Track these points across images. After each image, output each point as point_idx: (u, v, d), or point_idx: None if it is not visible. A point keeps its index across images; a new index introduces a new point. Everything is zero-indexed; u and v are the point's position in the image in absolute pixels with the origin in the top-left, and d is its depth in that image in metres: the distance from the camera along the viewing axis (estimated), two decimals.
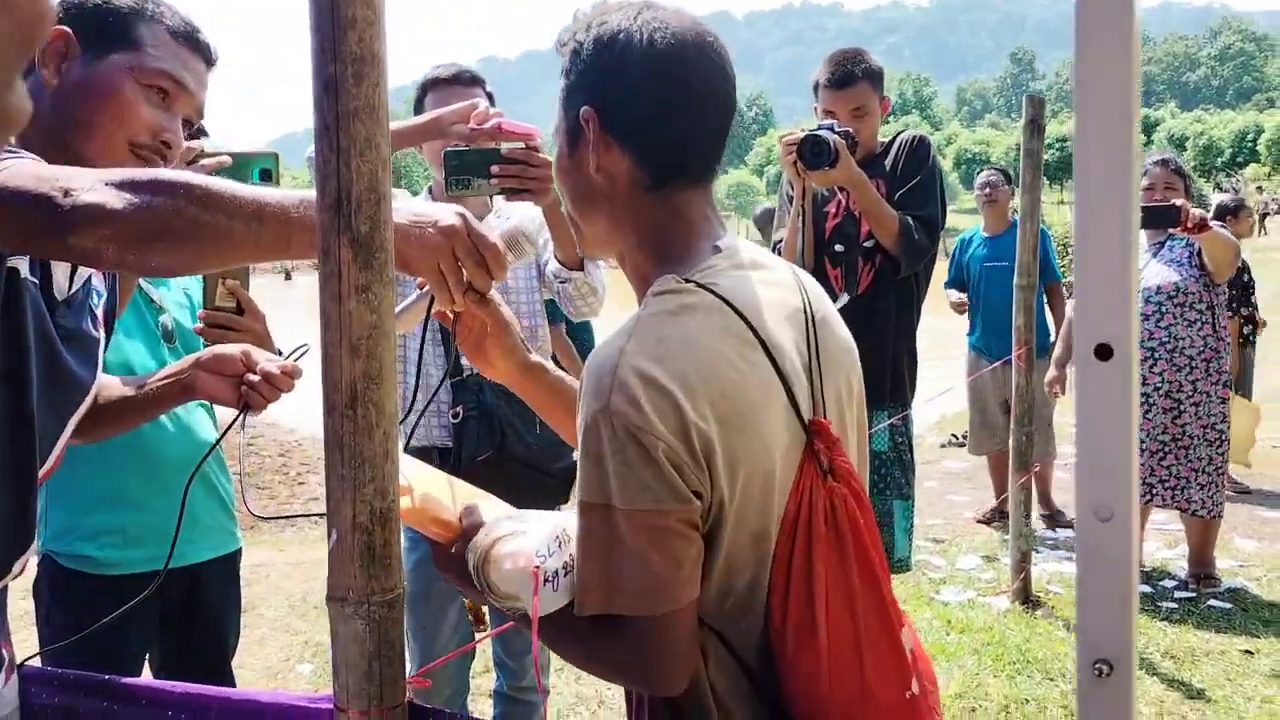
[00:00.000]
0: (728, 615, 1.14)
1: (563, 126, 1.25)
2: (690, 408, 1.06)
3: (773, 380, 1.14)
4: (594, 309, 2.59)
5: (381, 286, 1.04)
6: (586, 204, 1.25)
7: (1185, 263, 4.49)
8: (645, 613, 1.08)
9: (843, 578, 1.11)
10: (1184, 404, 4.49)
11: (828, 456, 1.15)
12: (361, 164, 1.02)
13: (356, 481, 1.05)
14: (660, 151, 1.20)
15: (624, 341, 1.11)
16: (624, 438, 1.06)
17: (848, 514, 1.13)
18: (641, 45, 1.17)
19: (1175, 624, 4.28)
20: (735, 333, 1.13)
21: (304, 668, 4.12)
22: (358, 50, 1.01)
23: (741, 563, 1.13)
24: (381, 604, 1.06)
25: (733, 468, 1.09)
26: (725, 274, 1.18)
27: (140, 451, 2.19)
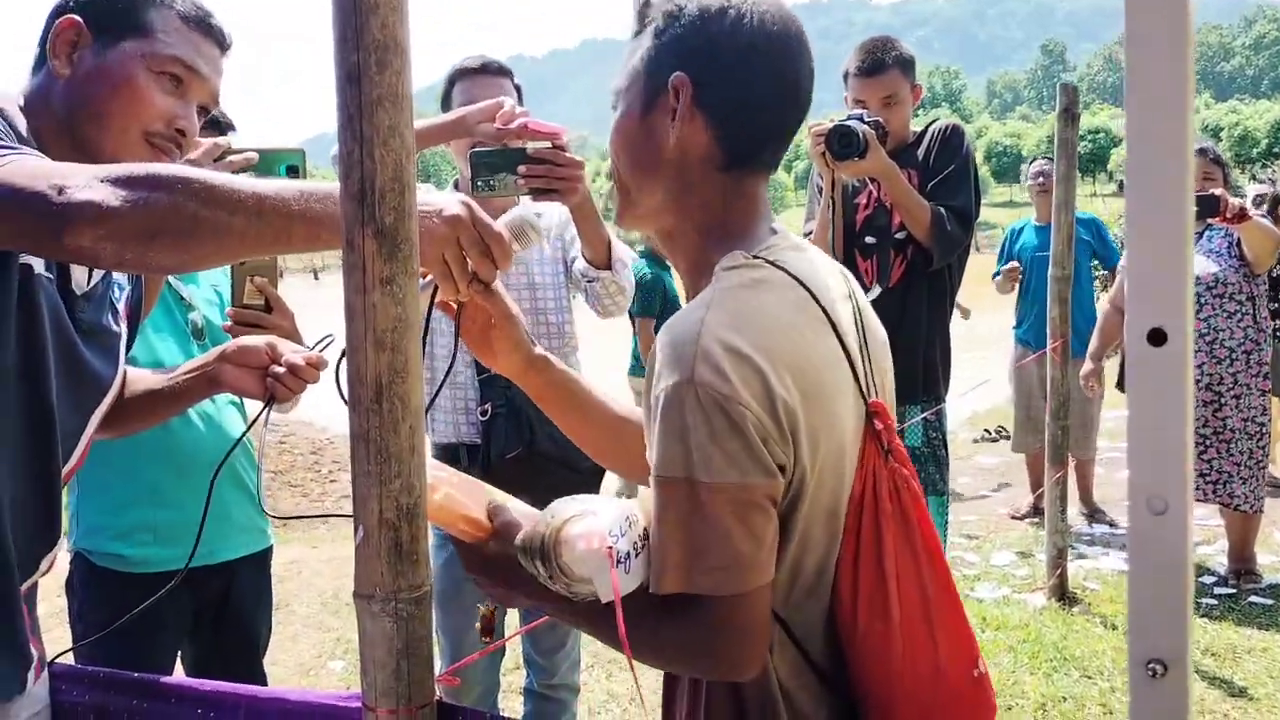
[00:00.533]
0: (794, 599, 1.12)
1: (640, 86, 1.20)
2: (775, 377, 1.05)
3: (840, 358, 1.14)
4: (621, 308, 2.57)
5: (406, 279, 1.02)
6: (647, 171, 1.21)
7: (1225, 253, 4.42)
8: (726, 591, 1.05)
9: (910, 555, 1.11)
10: (1224, 396, 4.42)
11: (887, 437, 1.14)
12: (385, 153, 1.00)
13: (383, 477, 1.04)
14: (744, 137, 1.18)
15: (703, 313, 1.08)
16: (710, 408, 1.03)
17: (910, 494, 1.13)
18: (750, 27, 1.15)
19: (1216, 620, 4.21)
20: (807, 309, 1.12)
21: (336, 664, 4.13)
22: (380, 37, 0.99)
23: (814, 540, 1.12)
24: (409, 601, 1.05)
25: (814, 441, 1.08)
26: (787, 253, 1.17)
27: (171, 449, 2.19)
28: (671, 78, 1.16)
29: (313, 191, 1.15)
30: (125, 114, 1.40)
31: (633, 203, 1.25)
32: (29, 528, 1.33)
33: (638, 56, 1.21)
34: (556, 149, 2.08)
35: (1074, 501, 5.43)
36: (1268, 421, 4.47)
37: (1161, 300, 0.64)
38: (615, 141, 1.25)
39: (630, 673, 2.96)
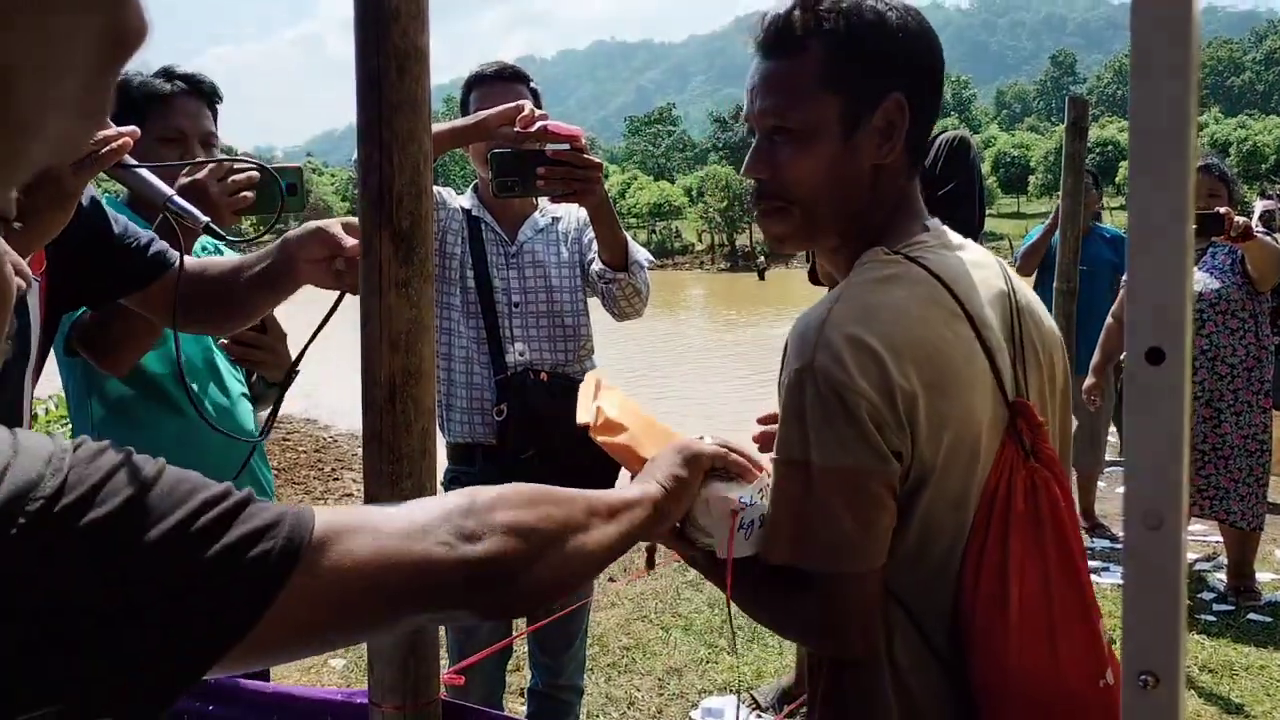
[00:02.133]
0: (919, 585, 1.14)
1: (832, 105, 1.15)
2: (894, 367, 1.07)
3: (977, 353, 1.14)
4: (638, 310, 2.58)
5: (422, 282, 1.04)
6: (842, 190, 1.19)
7: (1228, 270, 4.43)
8: (831, 569, 1.10)
9: (1039, 558, 1.11)
10: (1224, 413, 4.43)
11: (1030, 438, 1.14)
12: (404, 158, 1.02)
13: (394, 477, 1.06)
14: (923, 145, 1.22)
15: (830, 305, 1.13)
16: (827, 393, 1.07)
17: (1049, 497, 1.12)
18: (933, 38, 1.18)
19: (1214, 637, 4.22)
20: (941, 303, 1.14)
21: (336, 662, 4.14)
22: (401, 44, 1.01)
23: (939, 528, 1.13)
24: None
25: (937, 430, 1.10)
26: (933, 249, 1.18)
27: (189, 441, 2.22)
28: (888, 99, 1.14)
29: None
30: None
31: (815, 225, 1.22)
32: None
33: (813, 77, 1.15)
34: (575, 151, 2.10)
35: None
36: (1269, 439, 4.47)
37: (1160, 320, 0.66)
38: (807, 170, 1.17)
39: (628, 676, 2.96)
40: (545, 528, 0.89)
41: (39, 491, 0.62)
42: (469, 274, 2.61)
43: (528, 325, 2.62)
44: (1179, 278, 0.66)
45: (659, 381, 14.26)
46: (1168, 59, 0.64)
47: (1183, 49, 0.63)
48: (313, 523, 0.73)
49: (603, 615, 4.47)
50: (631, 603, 4.66)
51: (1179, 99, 0.65)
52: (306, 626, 0.72)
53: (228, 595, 0.68)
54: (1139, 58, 0.65)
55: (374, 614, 0.77)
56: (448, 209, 2.61)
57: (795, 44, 1.15)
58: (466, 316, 2.61)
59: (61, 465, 0.64)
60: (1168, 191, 0.66)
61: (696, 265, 67.47)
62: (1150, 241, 0.66)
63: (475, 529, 0.83)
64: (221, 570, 0.67)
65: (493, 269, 2.62)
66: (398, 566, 0.76)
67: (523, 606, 0.91)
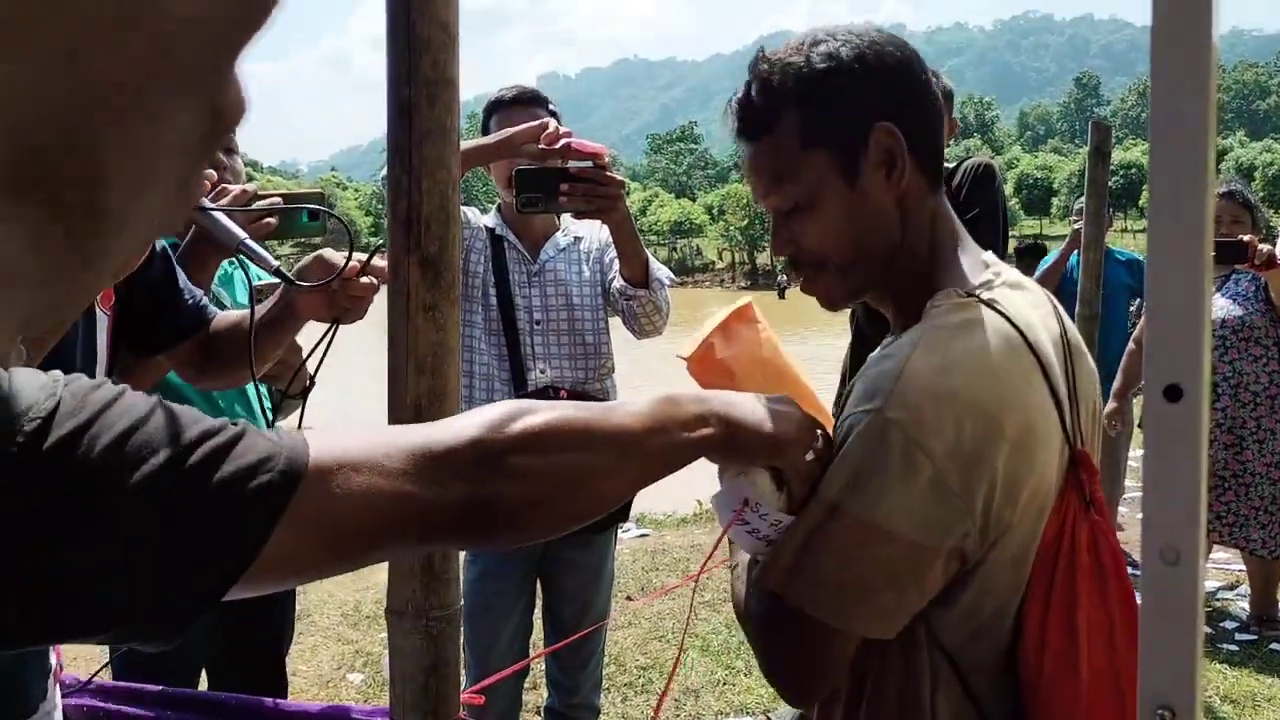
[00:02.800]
0: (968, 638, 1.09)
1: (822, 162, 1.13)
2: (973, 427, 1.02)
3: (1049, 404, 1.09)
4: (659, 328, 2.60)
5: (448, 305, 1.06)
6: (869, 235, 1.16)
7: (1251, 297, 4.41)
8: (812, 612, 1.05)
9: (1104, 613, 1.07)
10: (1247, 440, 4.40)
11: (1090, 487, 1.10)
12: (432, 185, 1.04)
13: None
14: (935, 162, 1.18)
15: (909, 351, 1.06)
16: (891, 444, 1.02)
17: (1110, 548, 1.09)
18: (901, 56, 1.14)
19: (1235, 667, 4.18)
20: (1020, 354, 1.09)
21: (355, 677, 4.15)
22: (432, 74, 1.03)
23: (996, 586, 1.08)
24: (439, 619, 1.08)
25: (1013, 491, 1.04)
26: (1003, 292, 1.14)
27: None
28: (874, 131, 1.11)
29: None
30: None
31: (855, 275, 1.19)
32: None
33: (792, 145, 1.13)
34: (599, 168, 2.13)
35: None
36: None
37: (1178, 357, 0.67)
38: (827, 231, 1.16)
39: (644, 696, 2.95)
40: (561, 475, 0.85)
41: (36, 412, 0.62)
42: (491, 292, 2.63)
43: (549, 343, 2.63)
44: (1197, 314, 0.67)
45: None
46: (1187, 104, 0.65)
47: (1201, 96, 0.64)
48: (308, 455, 0.73)
49: (620, 634, 4.47)
50: (649, 622, 4.66)
51: (1198, 141, 0.66)
52: (298, 557, 0.72)
53: (225, 527, 0.68)
54: (1160, 105, 0.66)
55: (365, 548, 0.77)
56: (472, 228, 2.64)
57: (765, 123, 1.14)
58: (489, 334, 2.63)
59: (56, 390, 0.64)
60: (1185, 229, 0.67)
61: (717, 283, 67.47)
62: (1168, 278, 0.67)
63: (482, 474, 0.80)
64: (219, 501, 0.67)
65: (515, 287, 2.64)
66: (392, 505, 0.76)
67: (516, 543, 0.89)
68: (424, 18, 1.00)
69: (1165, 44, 0.66)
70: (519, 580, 2.71)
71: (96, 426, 0.64)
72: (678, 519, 7.00)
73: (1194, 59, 0.64)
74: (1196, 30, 0.65)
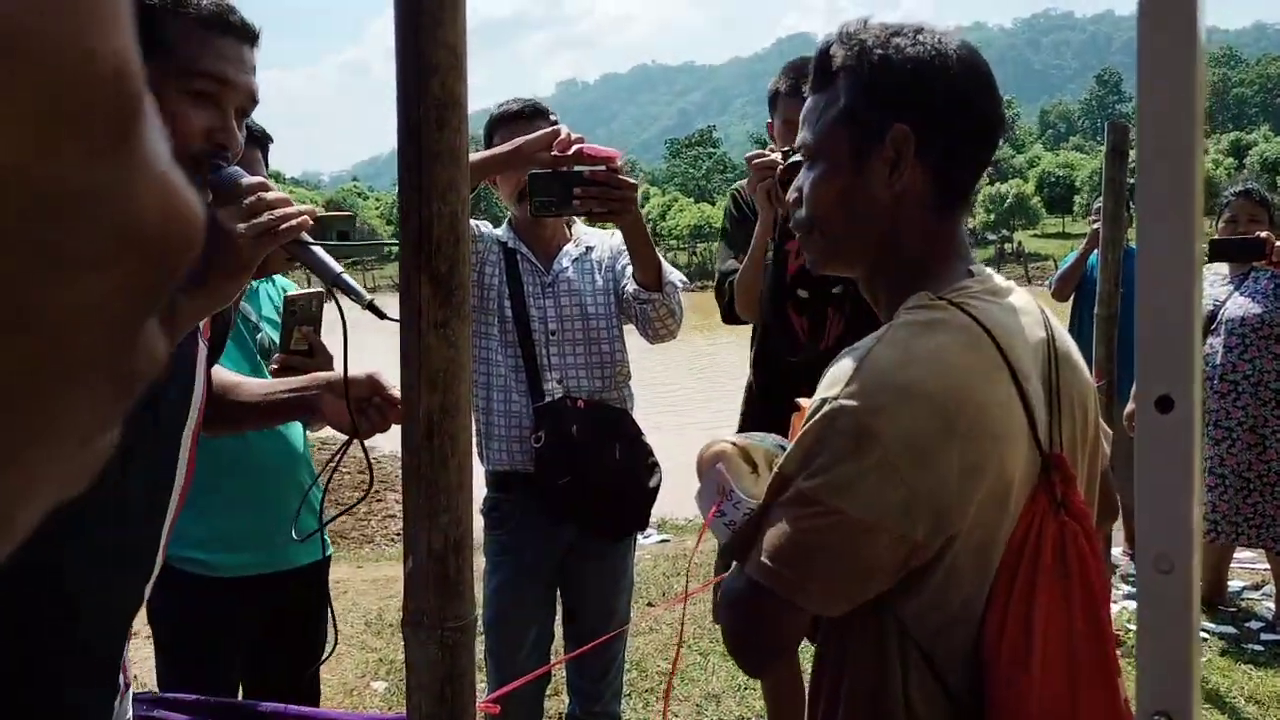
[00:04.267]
0: (936, 629, 1.13)
1: (843, 138, 1.22)
2: (926, 418, 1.07)
3: (1015, 404, 1.13)
4: (672, 331, 2.62)
5: (460, 322, 1.08)
6: (859, 219, 1.24)
7: (1270, 295, 4.38)
8: (764, 583, 1.11)
9: (1064, 615, 1.10)
10: (1269, 439, 4.37)
11: (1062, 490, 1.13)
12: (443, 206, 1.06)
13: (432, 511, 1.09)
14: (957, 179, 1.22)
15: (871, 344, 1.13)
16: (842, 428, 1.08)
17: (1078, 552, 1.11)
18: (959, 72, 1.19)
19: (1261, 667, 4.15)
20: (983, 353, 1.13)
21: (379, 685, 4.18)
22: (441, 95, 1.05)
23: (961, 575, 1.12)
24: (455, 629, 1.09)
25: (968, 483, 1.08)
26: (978, 296, 1.18)
27: (245, 461, 2.31)
28: (890, 130, 1.18)
29: None
30: None
31: (839, 250, 1.27)
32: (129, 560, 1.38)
33: (835, 112, 1.22)
34: (611, 171, 2.14)
35: (1119, 542, 5.37)
36: None
37: (1169, 369, 0.68)
38: (822, 196, 1.25)
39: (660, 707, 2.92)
40: None
41: None
42: (506, 304, 2.65)
43: (564, 353, 2.65)
44: (1187, 327, 0.68)
45: (696, 398, 14.26)
46: (1173, 119, 0.66)
47: (1189, 115, 0.66)
48: None
49: (641, 640, 4.49)
50: (669, 628, 4.67)
51: (1185, 154, 0.67)
52: None
53: None
54: (1146, 125, 0.67)
55: None
56: (485, 241, 2.66)
57: (827, 79, 1.24)
58: (504, 346, 2.65)
59: None
60: (1175, 244, 0.68)
61: None
62: (1158, 291, 0.68)
63: None
64: None
65: (529, 299, 2.66)
66: None
67: None
68: (431, 41, 1.02)
69: (1152, 57, 0.67)
70: (539, 589, 2.72)
71: None
72: (698, 524, 6.99)
73: (1180, 88, 0.66)
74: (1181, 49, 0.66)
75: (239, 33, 1.35)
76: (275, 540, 2.32)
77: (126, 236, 0.26)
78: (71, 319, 0.26)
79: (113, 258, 0.26)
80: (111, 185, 0.26)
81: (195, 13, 1.31)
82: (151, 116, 0.27)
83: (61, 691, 1.28)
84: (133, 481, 1.37)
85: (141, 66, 0.27)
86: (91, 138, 0.25)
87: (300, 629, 2.47)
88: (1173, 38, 0.66)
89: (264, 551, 2.35)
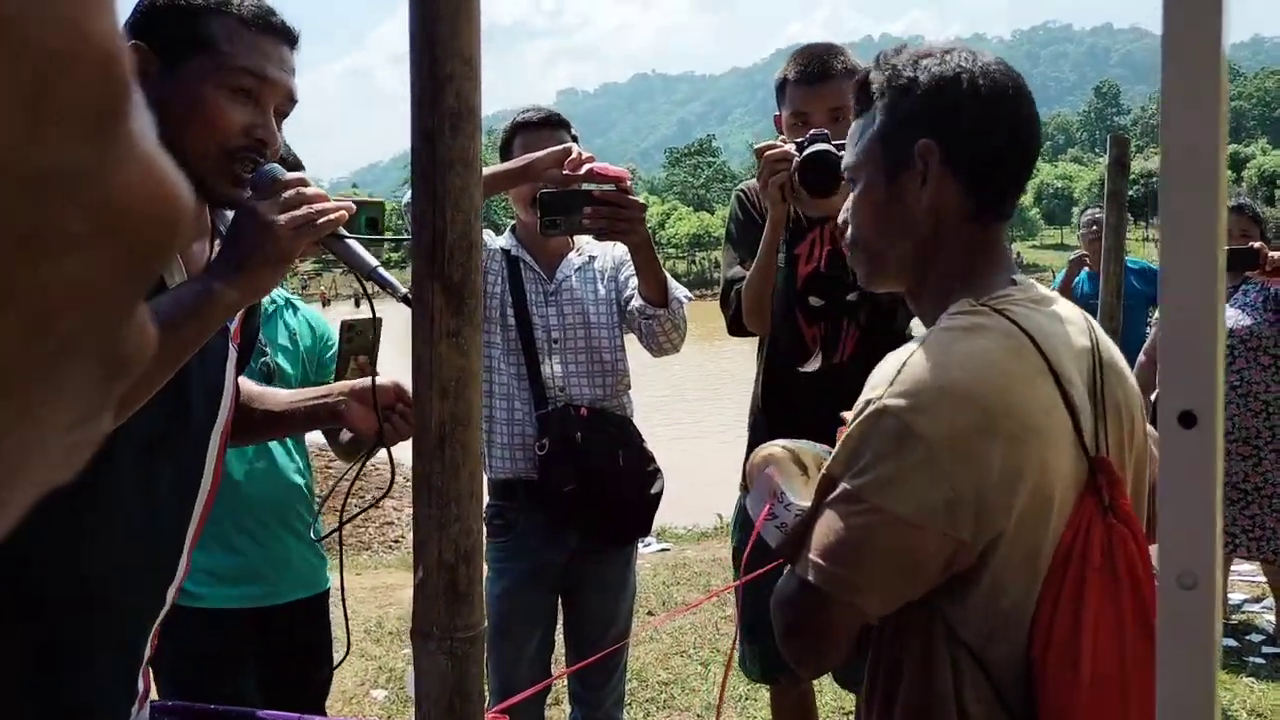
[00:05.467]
0: (988, 633, 1.14)
1: (880, 158, 1.27)
2: (969, 418, 1.09)
3: (1059, 408, 1.14)
4: (676, 345, 2.63)
5: (471, 331, 1.07)
6: (898, 233, 1.27)
7: (1259, 307, 4.42)
8: (821, 584, 1.12)
9: (1115, 618, 1.10)
10: (1263, 451, 4.38)
11: (1109, 494, 1.14)
12: (455, 213, 1.06)
13: (443, 520, 1.08)
14: (990, 189, 1.25)
15: (915, 348, 1.15)
16: (885, 429, 1.10)
17: (1126, 555, 1.12)
18: (984, 86, 1.23)
19: (1262, 680, 4.14)
20: (1026, 357, 1.15)
21: (378, 693, 4.17)
22: (455, 104, 1.05)
23: (1010, 580, 1.13)
24: (464, 640, 1.09)
25: (1011, 483, 1.09)
26: (1020, 303, 1.20)
27: (232, 496, 2.27)
28: (917, 145, 1.22)
29: None
30: (203, 137, 1.35)
31: (883, 265, 1.31)
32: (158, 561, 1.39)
33: (871, 133, 1.27)
34: (621, 191, 2.15)
35: None
36: None
37: (1192, 383, 0.68)
38: (863, 213, 1.30)
39: (666, 711, 2.94)
40: None
41: None
42: (509, 312, 2.66)
43: (567, 361, 2.66)
44: (1211, 341, 0.68)
45: (697, 409, 14.26)
46: (1199, 140, 0.66)
47: (1212, 142, 0.65)
48: None
49: (642, 650, 4.48)
50: (670, 638, 4.66)
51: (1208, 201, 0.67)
52: None
53: None
54: (1169, 140, 0.67)
55: None
56: (488, 250, 2.67)
57: (867, 103, 1.29)
58: (507, 354, 2.66)
59: None
60: (1198, 259, 0.68)
61: None
62: (1182, 306, 0.68)
63: None
64: None
65: (533, 307, 2.67)
66: None
67: None
68: (446, 51, 1.02)
69: (1175, 80, 0.67)
70: (541, 598, 2.72)
71: None
72: (698, 533, 6.99)
73: (1202, 106, 0.65)
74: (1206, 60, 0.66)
75: (280, 33, 1.40)
76: (270, 573, 2.32)
77: (112, 217, 0.26)
78: (56, 300, 0.26)
79: (98, 238, 0.26)
80: (98, 166, 0.26)
81: (238, 13, 1.36)
82: (138, 97, 0.27)
83: (80, 690, 1.29)
84: (160, 478, 1.37)
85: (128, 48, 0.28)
86: (79, 119, 0.25)
87: (300, 664, 2.44)
88: (1197, 66, 0.65)
89: (256, 585, 2.33)
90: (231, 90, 1.35)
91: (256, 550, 2.32)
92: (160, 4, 1.37)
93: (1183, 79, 0.67)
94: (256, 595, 2.33)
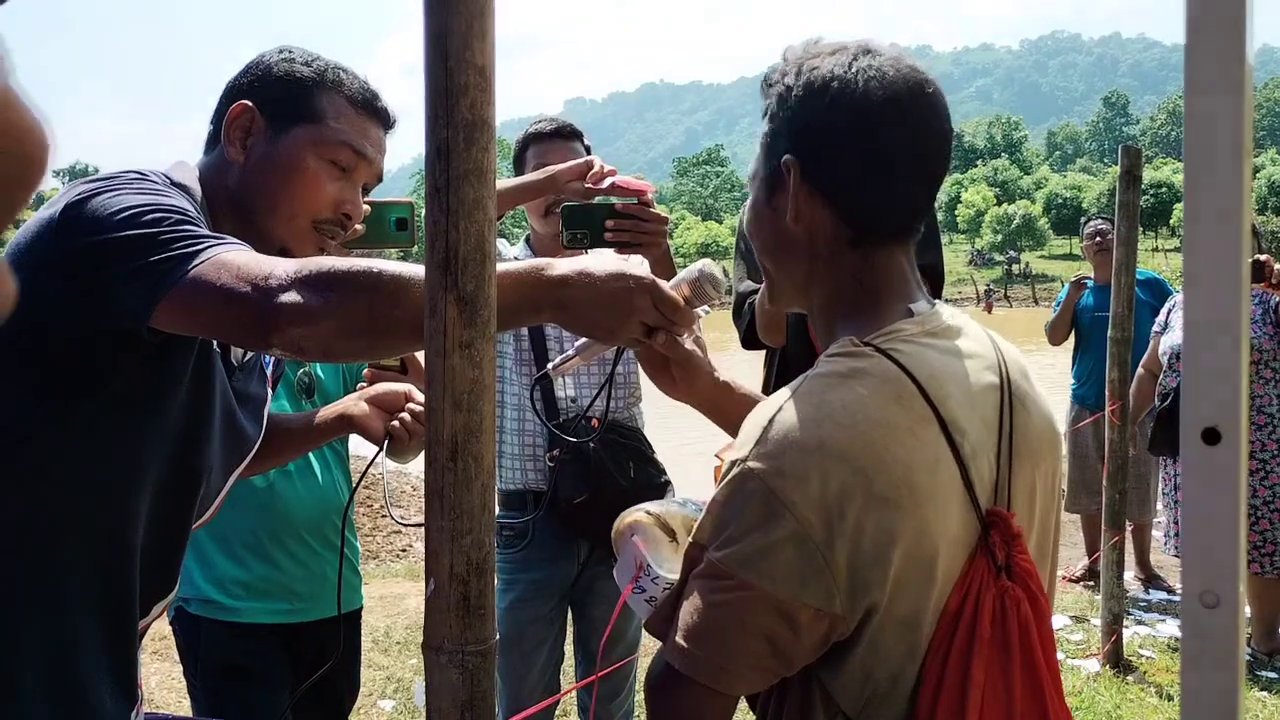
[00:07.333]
0: (865, 702, 1.04)
1: (762, 172, 1.18)
2: (837, 479, 0.98)
3: (945, 461, 1.03)
4: None
5: (484, 343, 1.07)
6: (780, 253, 1.18)
7: (1259, 320, 4.42)
8: (680, 669, 1.03)
9: (1003, 688, 1.01)
10: (1269, 464, 4.37)
11: (1004, 551, 1.03)
12: (469, 225, 1.05)
13: (455, 533, 1.08)
14: (863, 210, 1.12)
15: (785, 398, 1.04)
16: (751, 494, 1.00)
17: (1019, 619, 1.02)
18: (854, 97, 1.08)
19: (1276, 694, 4.12)
20: (908, 405, 1.03)
21: (386, 704, 4.16)
22: (469, 116, 1.04)
23: (886, 650, 1.02)
24: (475, 654, 1.08)
25: (883, 550, 0.98)
26: (912, 340, 1.09)
27: (268, 507, 2.28)
28: (782, 160, 1.12)
29: None
30: (296, 202, 1.40)
31: (774, 283, 1.23)
32: (153, 573, 1.40)
33: (760, 141, 1.19)
34: (643, 205, 2.15)
35: (1130, 566, 5.35)
36: None
37: (1215, 400, 0.67)
38: (749, 227, 1.24)
39: None
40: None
41: None
42: None
43: (578, 373, 2.65)
44: (1234, 359, 0.67)
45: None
46: (1228, 154, 0.65)
47: (1237, 157, 0.65)
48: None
49: (646, 662, 4.45)
50: None
51: (1233, 207, 0.66)
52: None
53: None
54: (1193, 155, 0.66)
55: None
56: (502, 260, 2.66)
57: (764, 111, 1.19)
58: (519, 365, 2.65)
59: None
60: (1222, 275, 0.67)
61: None
62: (1205, 325, 0.67)
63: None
64: None
65: None
66: None
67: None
68: (461, 63, 1.02)
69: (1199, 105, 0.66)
70: (550, 610, 2.71)
71: None
72: None
73: (1229, 133, 0.65)
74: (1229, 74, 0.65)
75: (381, 117, 1.49)
76: (307, 590, 2.32)
77: None
78: None
79: None
80: None
81: (347, 92, 1.45)
82: None
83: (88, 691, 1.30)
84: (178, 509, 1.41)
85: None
86: None
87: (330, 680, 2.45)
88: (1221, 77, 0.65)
89: (290, 601, 2.33)
90: (330, 163, 1.41)
91: (294, 565, 2.32)
92: (277, 72, 1.43)
93: (1206, 92, 0.66)
94: (291, 610, 2.33)
